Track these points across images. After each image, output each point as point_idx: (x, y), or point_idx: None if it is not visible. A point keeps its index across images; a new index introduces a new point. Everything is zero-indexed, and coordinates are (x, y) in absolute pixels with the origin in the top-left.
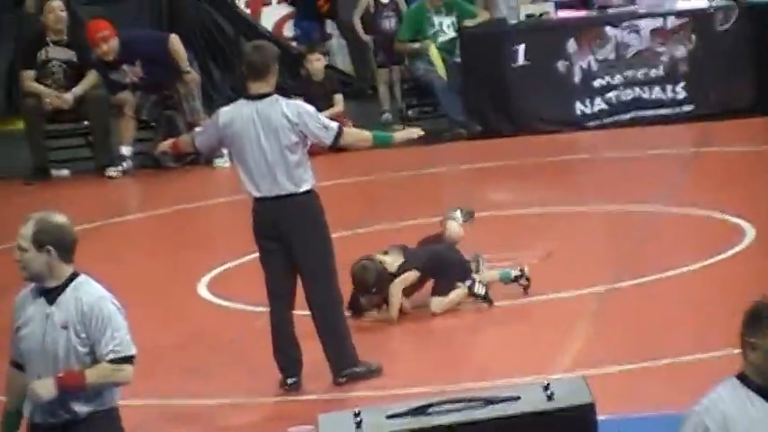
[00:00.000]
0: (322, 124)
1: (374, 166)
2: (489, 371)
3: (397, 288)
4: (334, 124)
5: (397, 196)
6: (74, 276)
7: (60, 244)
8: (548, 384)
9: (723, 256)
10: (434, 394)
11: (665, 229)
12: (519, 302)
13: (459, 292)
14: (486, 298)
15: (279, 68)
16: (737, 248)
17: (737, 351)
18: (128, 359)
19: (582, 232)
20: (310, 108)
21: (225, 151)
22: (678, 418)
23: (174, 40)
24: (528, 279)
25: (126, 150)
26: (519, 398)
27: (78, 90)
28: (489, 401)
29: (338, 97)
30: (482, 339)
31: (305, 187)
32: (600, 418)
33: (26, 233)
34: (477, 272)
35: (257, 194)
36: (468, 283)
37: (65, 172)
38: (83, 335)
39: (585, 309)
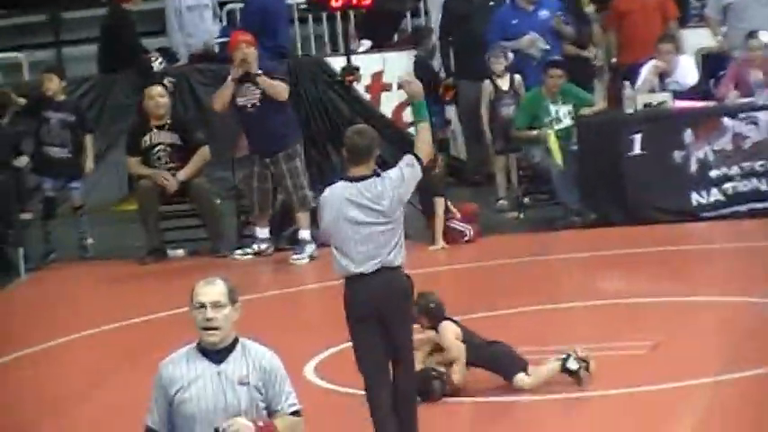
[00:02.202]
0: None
1: (486, 253)
2: None
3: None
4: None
5: (508, 283)
6: (236, 336)
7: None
8: None
9: None
10: None
11: None
12: (623, 392)
13: (551, 366)
14: (577, 373)
15: (394, 155)
16: None
17: None
18: (300, 412)
19: (692, 324)
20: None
21: (308, 247)
22: None
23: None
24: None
25: (261, 233)
26: None
27: (182, 175)
28: None
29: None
30: (584, 428)
31: (400, 262)
32: None
33: (219, 290)
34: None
35: (356, 270)
36: (563, 356)
37: (180, 252)
38: (263, 390)
39: (691, 400)
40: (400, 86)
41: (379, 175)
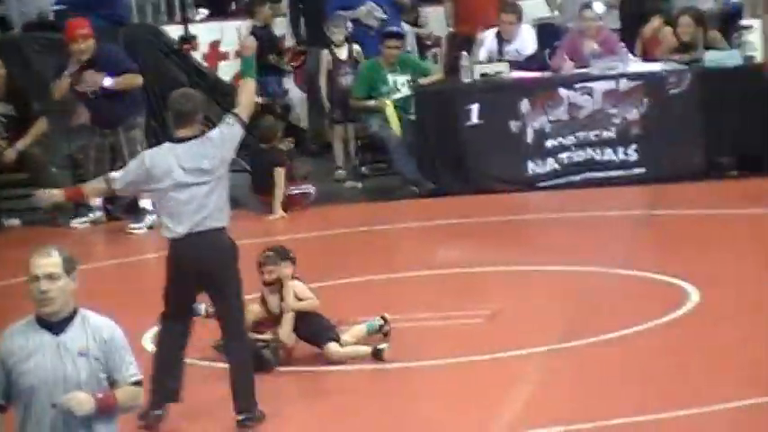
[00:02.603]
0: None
1: (324, 223)
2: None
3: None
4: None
5: (347, 253)
6: (75, 306)
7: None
8: None
9: (667, 319)
10: None
11: (612, 291)
12: (460, 361)
13: (365, 348)
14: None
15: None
16: (682, 312)
17: (676, 414)
18: (141, 382)
19: (528, 293)
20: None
21: (147, 216)
22: None
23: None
24: (388, 325)
25: (98, 202)
26: None
27: (20, 145)
28: None
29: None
30: (420, 396)
31: (225, 224)
32: None
33: (53, 261)
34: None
35: (182, 231)
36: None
37: (16, 222)
38: (103, 361)
39: (527, 369)
40: (237, 55)
41: (201, 137)
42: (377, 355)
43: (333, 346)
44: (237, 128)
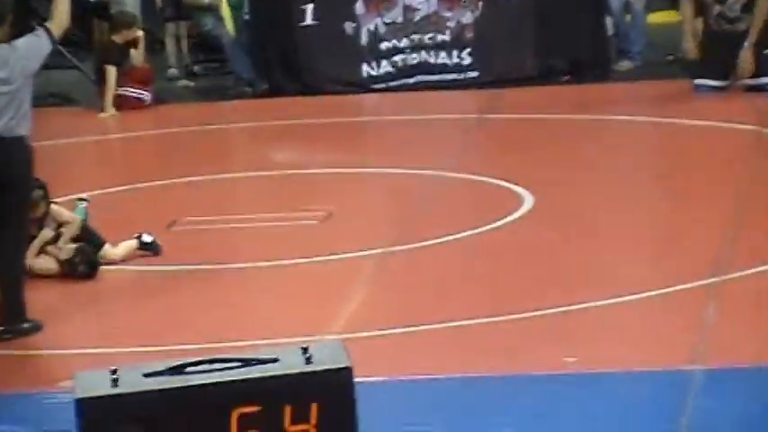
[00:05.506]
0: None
1: (156, 122)
2: (256, 331)
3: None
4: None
5: (179, 152)
6: None
7: None
8: (307, 347)
9: (501, 222)
10: (194, 352)
11: (445, 194)
12: (295, 262)
13: (129, 243)
14: (153, 246)
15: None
16: (515, 216)
17: (503, 318)
18: None
19: (362, 195)
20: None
21: None
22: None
23: None
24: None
25: None
26: (277, 360)
27: None
28: (247, 362)
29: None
30: (256, 296)
31: (24, 133)
32: (359, 380)
33: None
34: None
35: None
36: (135, 235)
37: None
38: None
39: (361, 271)
40: None
41: (9, 43)
42: (145, 245)
43: (108, 248)
44: (45, 40)
